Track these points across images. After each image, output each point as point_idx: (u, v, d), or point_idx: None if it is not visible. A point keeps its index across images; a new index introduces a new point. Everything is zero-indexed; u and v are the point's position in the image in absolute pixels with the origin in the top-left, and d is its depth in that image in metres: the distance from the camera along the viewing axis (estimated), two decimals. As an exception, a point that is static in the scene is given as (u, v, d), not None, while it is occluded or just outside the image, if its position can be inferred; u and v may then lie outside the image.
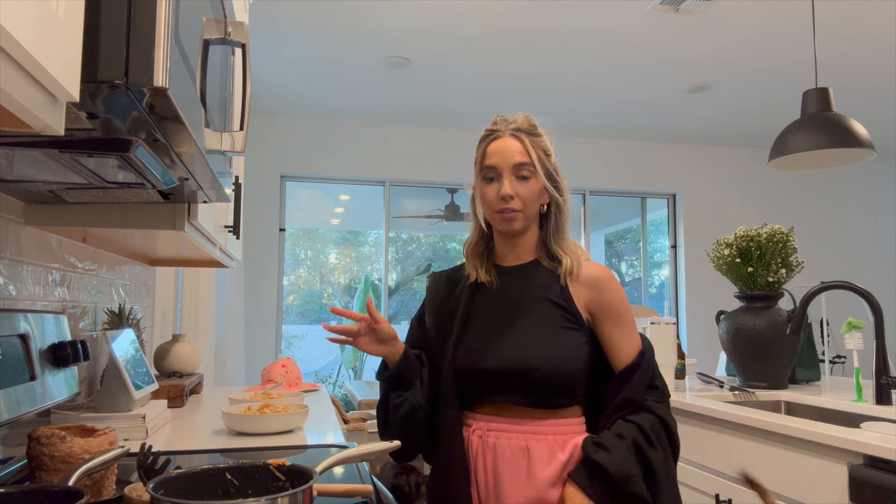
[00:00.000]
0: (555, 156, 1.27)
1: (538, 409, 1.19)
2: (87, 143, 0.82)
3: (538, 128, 1.27)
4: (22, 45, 0.47)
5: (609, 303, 1.22)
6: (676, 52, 3.69)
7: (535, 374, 1.17)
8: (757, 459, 1.78)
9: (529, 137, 1.24)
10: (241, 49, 1.00)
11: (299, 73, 4.05)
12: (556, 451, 1.18)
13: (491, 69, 3.95)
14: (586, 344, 1.21)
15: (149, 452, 0.93)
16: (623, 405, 1.18)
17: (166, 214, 1.34)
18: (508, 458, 1.18)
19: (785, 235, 2.27)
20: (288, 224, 5.12)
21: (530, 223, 1.26)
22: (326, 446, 1.50)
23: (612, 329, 1.22)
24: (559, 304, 1.22)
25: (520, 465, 1.18)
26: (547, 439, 1.18)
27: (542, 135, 1.27)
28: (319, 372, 6.97)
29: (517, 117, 1.27)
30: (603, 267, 1.26)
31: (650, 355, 1.23)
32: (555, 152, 1.27)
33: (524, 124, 1.25)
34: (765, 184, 5.70)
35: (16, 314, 1.16)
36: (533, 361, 1.18)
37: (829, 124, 2.37)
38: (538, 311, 1.22)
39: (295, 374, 2.55)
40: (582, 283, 1.23)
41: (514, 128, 1.24)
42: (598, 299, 1.22)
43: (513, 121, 1.26)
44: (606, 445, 1.13)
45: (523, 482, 1.17)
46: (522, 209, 1.22)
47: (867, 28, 3.36)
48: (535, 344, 1.19)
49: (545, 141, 1.26)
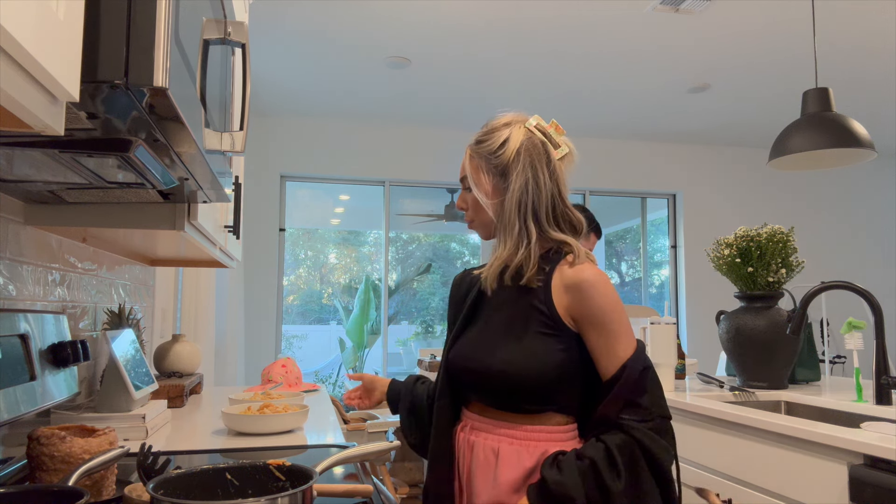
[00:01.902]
0: (512, 151, 1.20)
1: (510, 413, 1.18)
2: (87, 143, 0.82)
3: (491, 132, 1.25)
4: (22, 45, 0.47)
5: (588, 310, 1.14)
6: (676, 52, 3.69)
7: (494, 376, 1.16)
8: (757, 459, 1.78)
9: (472, 147, 1.26)
10: (241, 49, 1.00)
11: (299, 74, 4.05)
12: (524, 457, 1.16)
13: (491, 69, 3.95)
14: (563, 351, 1.15)
15: (149, 452, 0.92)
16: (599, 421, 1.12)
17: (166, 214, 1.34)
18: (481, 458, 1.19)
19: (785, 235, 2.27)
20: (288, 224, 5.12)
21: (492, 229, 1.26)
22: (326, 446, 1.50)
23: (595, 338, 1.15)
24: (539, 308, 1.18)
25: (489, 466, 1.18)
26: (519, 444, 1.17)
27: (489, 139, 1.24)
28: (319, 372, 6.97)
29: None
30: (595, 270, 1.17)
31: (636, 369, 1.12)
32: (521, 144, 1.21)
33: (478, 133, 1.28)
34: (765, 184, 5.70)
35: (16, 314, 1.16)
36: (492, 364, 1.16)
37: (829, 124, 2.36)
38: (517, 313, 1.20)
39: (295, 374, 2.55)
40: (564, 287, 1.17)
41: (473, 139, 1.28)
42: (577, 306, 1.16)
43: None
44: (561, 463, 1.07)
45: (490, 484, 1.17)
46: (474, 218, 1.28)
47: (867, 28, 3.36)
48: (499, 347, 1.18)
49: (489, 145, 1.23)
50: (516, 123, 1.25)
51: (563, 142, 1.25)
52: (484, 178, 1.23)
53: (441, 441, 1.24)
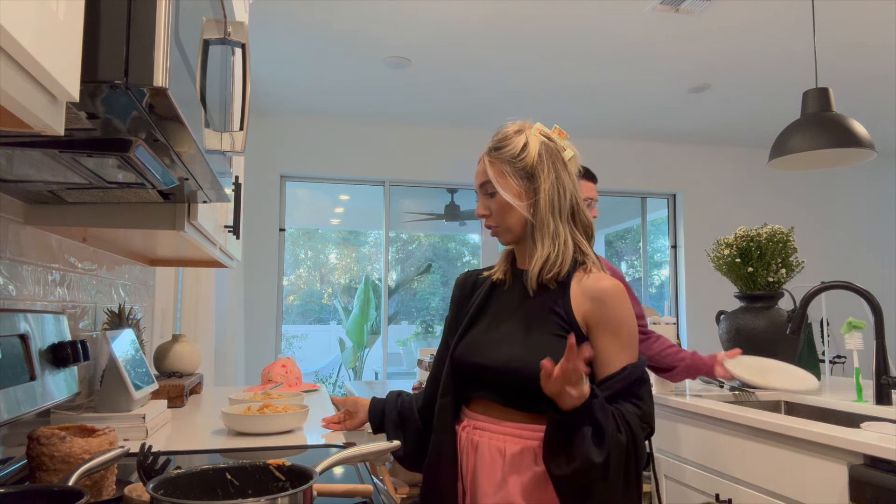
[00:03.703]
0: (535, 153, 1.23)
1: (519, 412, 1.20)
2: (87, 143, 0.82)
3: (509, 137, 1.27)
4: (22, 45, 0.47)
5: (606, 317, 1.18)
6: (676, 52, 3.69)
7: (511, 374, 1.17)
8: (757, 459, 1.78)
9: (490, 155, 1.27)
10: (241, 49, 1.00)
11: (300, 74, 4.05)
12: (532, 459, 1.17)
13: (491, 69, 3.95)
14: None
15: (149, 452, 0.93)
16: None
17: (166, 214, 1.33)
18: (486, 458, 1.20)
19: (785, 235, 2.27)
20: (288, 224, 5.12)
21: (519, 231, 1.26)
22: (326, 446, 1.50)
23: (604, 343, 1.18)
24: (557, 311, 1.21)
25: (496, 467, 1.18)
26: (525, 444, 1.17)
27: (508, 144, 1.26)
28: (319, 372, 6.97)
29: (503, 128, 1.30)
30: (613, 281, 1.21)
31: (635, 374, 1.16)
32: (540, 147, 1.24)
33: (491, 141, 1.29)
34: (765, 184, 5.70)
35: (16, 314, 1.16)
36: (511, 362, 1.18)
37: (829, 124, 2.36)
38: (535, 315, 1.23)
39: (295, 375, 2.55)
40: (583, 294, 1.20)
41: (487, 148, 1.29)
42: (596, 312, 1.19)
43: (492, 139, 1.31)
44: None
45: (497, 485, 1.17)
46: (498, 224, 1.27)
47: (867, 28, 3.36)
48: (518, 346, 1.20)
49: (511, 149, 1.25)
50: (527, 129, 1.28)
51: (567, 145, 1.28)
52: (512, 182, 1.24)
53: (445, 438, 1.24)
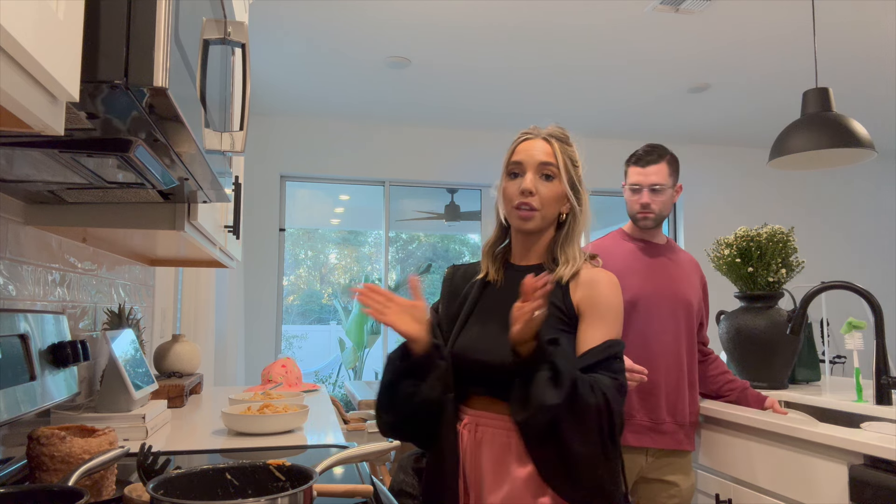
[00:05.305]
0: (582, 169, 1.32)
1: None
2: (87, 143, 0.82)
3: (570, 139, 1.33)
4: (22, 45, 0.47)
5: (595, 300, 1.22)
6: (676, 52, 3.69)
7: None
8: (757, 459, 1.78)
9: (559, 143, 1.30)
10: (241, 49, 1.00)
11: (300, 73, 4.05)
12: None
13: (491, 69, 3.95)
14: (574, 346, 1.22)
15: (149, 452, 0.93)
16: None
17: (166, 214, 1.34)
18: (492, 453, 1.20)
19: (785, 235, 2.26)
20: (288, 224, 5.12)
21: (547, 225, 1.29)
22: (326, 446, 1.50)
23: (589, 324, 1.21)
24: (557, 305, 1.23)
25: (502, 460, 1.19)
26: None
27: (573, 145, 1.32)
28: (319, 372, 6.97)
29: (550, 126, 1.33)
30: (600, 271, 1.27)
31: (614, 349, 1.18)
32: (583, 165, 1.33)
33: (557, 132, 1.32)
34: (765, 184, 5.70)
35: (16, 314, 1.16)
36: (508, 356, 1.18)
37: (829, 124, 2.36)
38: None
39: (295, 375, 2.55)
40: (580, 283, 1.25)
41: (546, 133, 1.31)
42: (588, 297, 1.23)
43: (546, 128, 1.33)
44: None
45: (503, 478, 1.17)
46: (540, 208, 1.26)
47: (867, 28, 3.36)
48: None
49: (574, 151, 1.32)
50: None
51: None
52: (565, 179, 1.29)
53: (448, 435, 1.23)
